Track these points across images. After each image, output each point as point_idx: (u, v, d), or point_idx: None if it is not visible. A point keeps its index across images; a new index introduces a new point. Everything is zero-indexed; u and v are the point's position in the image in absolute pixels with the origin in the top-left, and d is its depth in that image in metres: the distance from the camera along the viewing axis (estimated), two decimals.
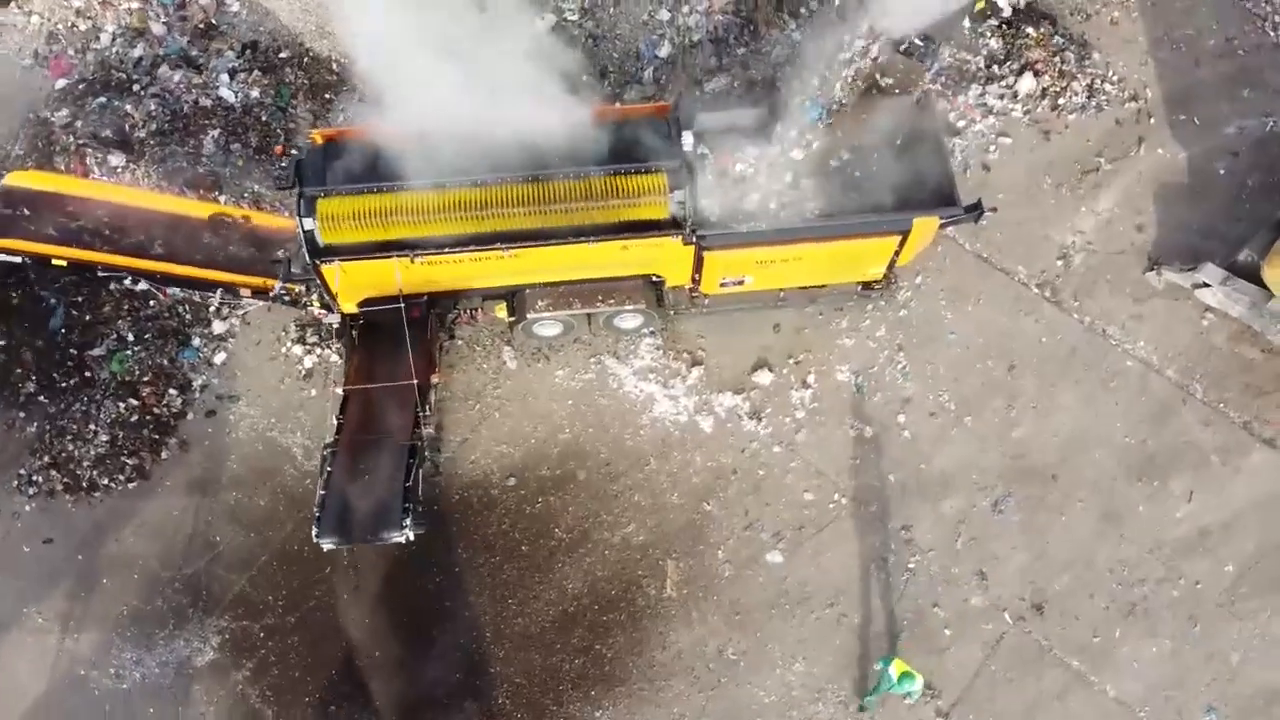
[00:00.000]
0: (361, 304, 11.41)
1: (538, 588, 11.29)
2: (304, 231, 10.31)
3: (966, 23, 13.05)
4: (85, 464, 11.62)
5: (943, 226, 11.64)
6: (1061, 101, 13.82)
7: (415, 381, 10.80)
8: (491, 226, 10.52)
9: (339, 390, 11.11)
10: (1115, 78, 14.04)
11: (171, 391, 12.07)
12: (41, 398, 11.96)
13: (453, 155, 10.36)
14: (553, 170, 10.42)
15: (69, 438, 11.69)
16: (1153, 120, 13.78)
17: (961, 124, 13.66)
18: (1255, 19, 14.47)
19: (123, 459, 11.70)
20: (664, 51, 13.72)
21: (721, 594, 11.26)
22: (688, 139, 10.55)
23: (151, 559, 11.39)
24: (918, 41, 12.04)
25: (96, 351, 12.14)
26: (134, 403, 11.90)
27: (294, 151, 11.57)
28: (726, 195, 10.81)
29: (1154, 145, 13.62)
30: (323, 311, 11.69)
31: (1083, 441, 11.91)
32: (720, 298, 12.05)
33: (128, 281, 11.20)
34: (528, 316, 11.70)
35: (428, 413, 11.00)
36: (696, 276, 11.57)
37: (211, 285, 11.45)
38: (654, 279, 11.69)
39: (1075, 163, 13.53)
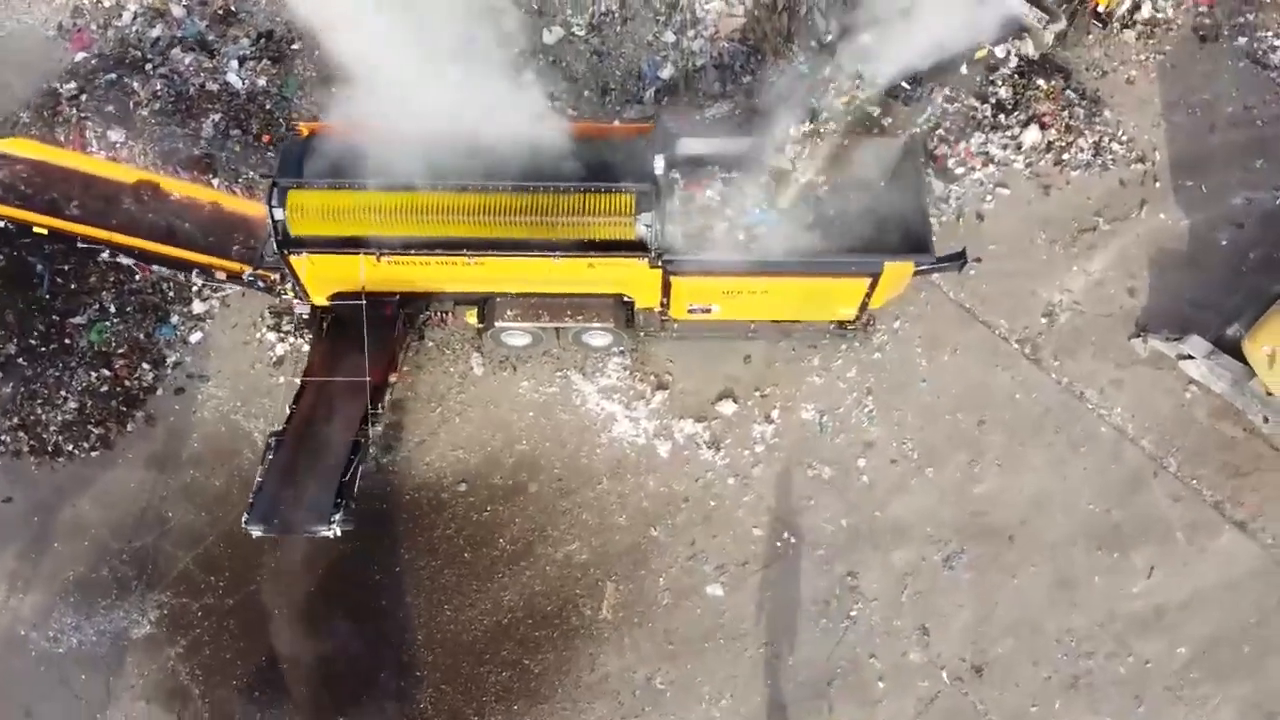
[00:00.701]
0: (332, 297, 11.55)
1: (475, 596, 11.28)
2: (274, 221, 10.46)
3: (964, 69, 12.89)
4: (53, 429, 11.86)
5: (923, 273, 11.52)
6: (1066, 157, 13.58)
7: (370, 379, 10.89)
8: (458, 232, 10.56)
9: (297, 379, 11.24)
10: (1124, 137, 13.77)
11: (145, 366, 12.28)
12: (20, 360, 12.22)
13: (428, 159, 10.45)
14: (522, 182, 10.45)
15: (40, 402, 11.94)
16: (1158, 184, 13.48)
17: (960, 170, 13.48)
18: (1278, 89, 14.11)
19: (89, 427, 11.93)
20: (666, 73, 13.73)
21: (657, 622, 11.16)
22: (659, 163, 10.53)
23: (104, 528, 11.57)
24: (904, 85, 11.88)
25: (78, 320, 12.40)
26: (107, 373, 12.12)
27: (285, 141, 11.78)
28: (695, 221, 10.76)
29: (1156, 209, 13.33)
30: (296, 300, 11.83)
31: (1045, 504, 11.64)
32: (690, 324, 12.00)
33: (105, 254, 11.45)
34: (496, 325, 11.73)
35: (379, 411, 11.08)
36: (664, 300, 11.53)
37: (188, 265, 11.66)
38: (625, 299, 11.68)
39: (1072, 220, 13.28)
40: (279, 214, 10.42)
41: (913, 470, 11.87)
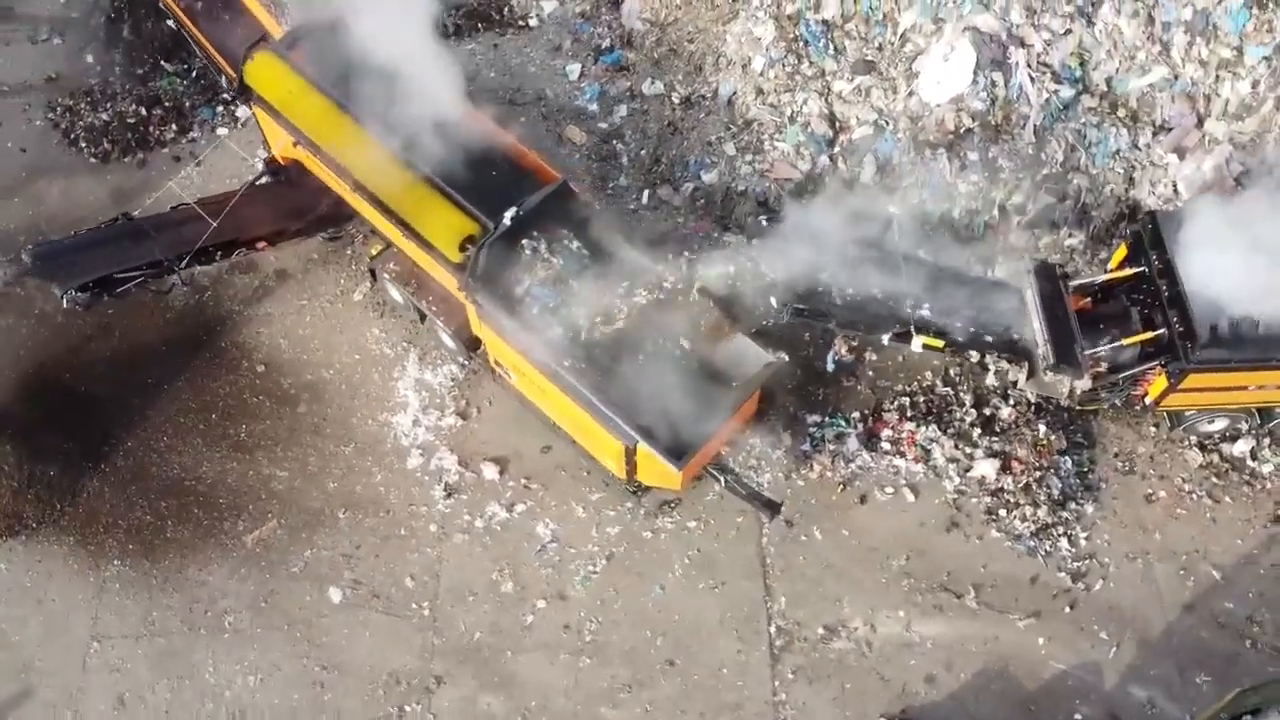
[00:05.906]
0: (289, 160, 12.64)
1: (187, 449, 12.04)
2: (241, 63, 11.72)
3: (885, 339, 11.13)
4: (81, 124, 14.13)
5: (736, 495, 10.58)
6: (1002, 513, 11.50)
7: (237, 235, 11.87)
8: (340, 159, 11.22)
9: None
10: (1084, 543, 11.39)
11: (173, 127, 14.22)
12: (116, 66, 14.61)
13: (369, 84, 11.12)
14: (394, 147, 10.80)
15: (90, 98, 14.27)
16: (1070, 611, 11.07)
17: (887, 448, 11.86)
18: None
19: (103, 140, 14.07)
20: (708, 178, 13.26)
21: (274, 579, 11.32)
22: (509, 213, 10.44)
23: (47, 212, 13.60)
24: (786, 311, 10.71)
25: (168, 66, 14.59)
26: (144, 113, 14.20)
27: None
28: (499, 268, 10.52)
29: (1040, 633, 10.97)
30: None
31: None
32: (503, 380, 11.80)
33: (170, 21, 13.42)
34: (376, 268, 12.30)
35: (216, 260, 12.03)
36: (481, 337, 11.46)
37: (211, 61, 13.31)
38: None
39: (947, 573, 11.30)
40: (247, 62, 11.65)
41: (574, 648, 10.96)
